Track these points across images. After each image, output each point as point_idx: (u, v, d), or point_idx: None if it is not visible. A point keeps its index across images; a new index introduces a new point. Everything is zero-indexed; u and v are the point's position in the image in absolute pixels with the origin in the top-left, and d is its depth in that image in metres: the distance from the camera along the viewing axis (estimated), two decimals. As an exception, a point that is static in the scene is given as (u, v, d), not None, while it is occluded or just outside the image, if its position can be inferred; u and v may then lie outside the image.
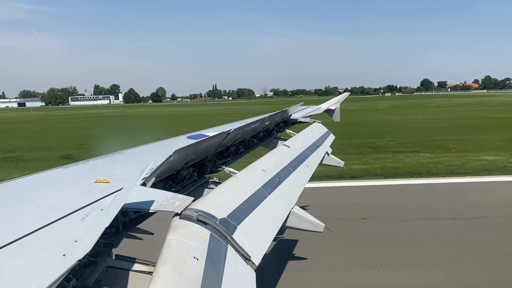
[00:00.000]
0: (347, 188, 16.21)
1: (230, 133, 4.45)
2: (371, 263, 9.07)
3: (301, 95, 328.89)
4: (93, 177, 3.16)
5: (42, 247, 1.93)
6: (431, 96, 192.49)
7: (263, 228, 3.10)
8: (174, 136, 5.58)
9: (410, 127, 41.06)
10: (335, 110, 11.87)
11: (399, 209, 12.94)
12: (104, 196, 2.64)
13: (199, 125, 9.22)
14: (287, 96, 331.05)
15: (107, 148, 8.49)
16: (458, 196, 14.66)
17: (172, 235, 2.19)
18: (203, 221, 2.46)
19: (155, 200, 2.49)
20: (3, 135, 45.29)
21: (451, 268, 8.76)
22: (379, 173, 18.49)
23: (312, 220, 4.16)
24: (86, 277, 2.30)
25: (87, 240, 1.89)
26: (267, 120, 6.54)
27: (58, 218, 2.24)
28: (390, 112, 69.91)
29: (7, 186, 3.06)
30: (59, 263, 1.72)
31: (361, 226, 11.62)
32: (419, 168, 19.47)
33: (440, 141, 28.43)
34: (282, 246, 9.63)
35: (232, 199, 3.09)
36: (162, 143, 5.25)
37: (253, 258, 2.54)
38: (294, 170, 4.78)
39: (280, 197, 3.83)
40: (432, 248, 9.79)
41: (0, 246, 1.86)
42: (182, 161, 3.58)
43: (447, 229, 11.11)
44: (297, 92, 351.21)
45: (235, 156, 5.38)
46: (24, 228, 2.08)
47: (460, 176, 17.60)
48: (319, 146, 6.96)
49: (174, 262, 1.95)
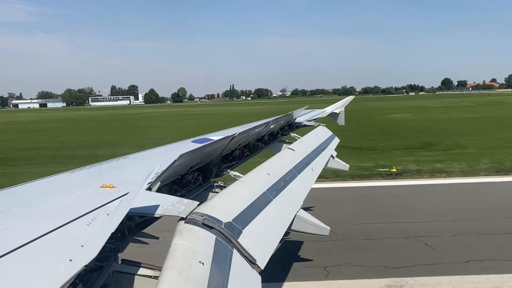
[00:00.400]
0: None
1: (235, 137, 4.46)
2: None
3: (321, 95, 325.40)
4: (99, 181, 3.18)
5: (49, 252, 1.94)
6: (463, 95, 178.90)
7: (269, 231, 3.10)
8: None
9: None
10: (340, 114, 11.86)
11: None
12: (110, 201, 2.65)
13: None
14: (306, 96, 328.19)
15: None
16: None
17: (177, 240, 2.20)
18: (208, 225, 2.46)
19: (161, 205, 2.49)
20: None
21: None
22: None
23: (317, 224, 4.16)
24: (92, 282, 2.31)
25: (93, 245, 1.90)
26: (272, 123, 6.54)
27: (64, 223, 2.26)
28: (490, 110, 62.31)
29: (15, 191, 3.09)
30: (66, 268, 1.73)
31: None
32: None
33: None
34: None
35: (237, 203, 3.09)
36: (167, 148, 5.27)
37: (258, 262, 2.54)
38: (299, 174, 4.78)
39: (285, 201, 3.82)
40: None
41: (8, 251, 1.87)
42: (187, 166, 3.59)
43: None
44: (316, 92, 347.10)
45: (240, 160, 5.39)
46: (31, 233, 2.09)
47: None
48: (324, 149, 6.96)
49: (179, 266, 1.96)
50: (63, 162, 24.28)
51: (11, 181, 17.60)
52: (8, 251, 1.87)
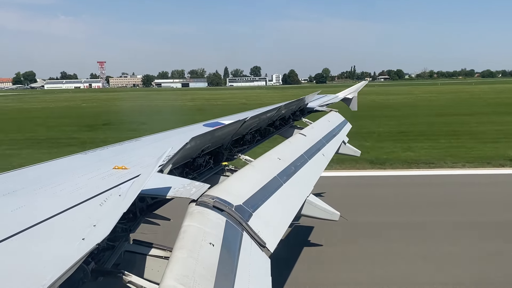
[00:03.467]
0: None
1: (246, 121, 4.45)
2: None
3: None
4: (112, 163, 3.21)
5: (63, 231, 1.98)
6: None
7: (279, 215, 3.11)
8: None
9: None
10: (353, 99, 11.73)
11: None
12: (122, 182, 2.68)
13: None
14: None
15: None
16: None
17: (188, 221, 2.22)
18: (219, 208, 2.48)
19: (172, 187, 2.51)
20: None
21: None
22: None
23: (327, 209, 4.15)
24: (104, 261, 2.35)
25: (105, 225, 1.93)
26: (283, 108, 6.51)
27: (77, 203, 2.29)
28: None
29: (29, 171, 3.14)
30: (78, 246, 1.76)
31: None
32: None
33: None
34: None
35: (248, 186, 3.10)
36: (178, 131, 5.29)
37: (268, 245, 2.56)
38: (310, 159, 4.77)
39: (296, 186, 3.82)
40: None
41: (23, 229, 1.91)
42: (199, 149, 3.60)
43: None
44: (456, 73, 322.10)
45: (251, 144, 5.39)
46: (45, 212, 2.13)
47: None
48: (335, 135, 6.91)
49: (190, 247, 1.98)
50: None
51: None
52: (22, 229, 1.91)
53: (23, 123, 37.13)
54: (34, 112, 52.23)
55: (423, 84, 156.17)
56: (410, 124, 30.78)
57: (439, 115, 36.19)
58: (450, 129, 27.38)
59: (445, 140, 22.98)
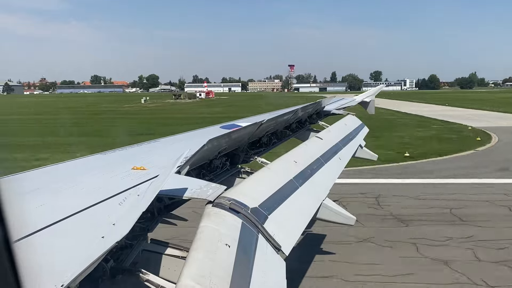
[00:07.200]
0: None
1: (262, 124, 4.47)
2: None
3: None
4: (130, 163, 3.27)
5: (83, 229, 2.03)
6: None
7: (294, 218, 3.11)
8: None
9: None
10: (370, 103, 11.65)
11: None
12: (140, 182, 2.73)
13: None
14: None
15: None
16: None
17: (205, 222, 2.25)
18: (235, 210, 2.50)
19: (189, 188, 2.55)
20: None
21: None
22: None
23: (343, 213, 4.13)
24: (123, 259, 2.39)
25: (124, 224, 1.97)
26: (300, 111, 6.50)
27: (97, 201, 2.35)
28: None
29: (52, 170, 3.22)
30: (98, 244, 1.80)
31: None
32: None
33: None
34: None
35: (264, 189, 3.11)
36: (196, 133, 5.34)
37: (283, 248, 2.57)
38: (326, 163, 4.75)
39: (312, 189, 3.82)
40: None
41: (44, 226, 1.97)
42: (216, 151, 3.64)
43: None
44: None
45: (267, 147, 5.40)
46: (66, 210, 2.19)
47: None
48: (352, 139, 6.87)
49: (206, 248, 2.01)
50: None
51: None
52: (44, 226, 1.97)
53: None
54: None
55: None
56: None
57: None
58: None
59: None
